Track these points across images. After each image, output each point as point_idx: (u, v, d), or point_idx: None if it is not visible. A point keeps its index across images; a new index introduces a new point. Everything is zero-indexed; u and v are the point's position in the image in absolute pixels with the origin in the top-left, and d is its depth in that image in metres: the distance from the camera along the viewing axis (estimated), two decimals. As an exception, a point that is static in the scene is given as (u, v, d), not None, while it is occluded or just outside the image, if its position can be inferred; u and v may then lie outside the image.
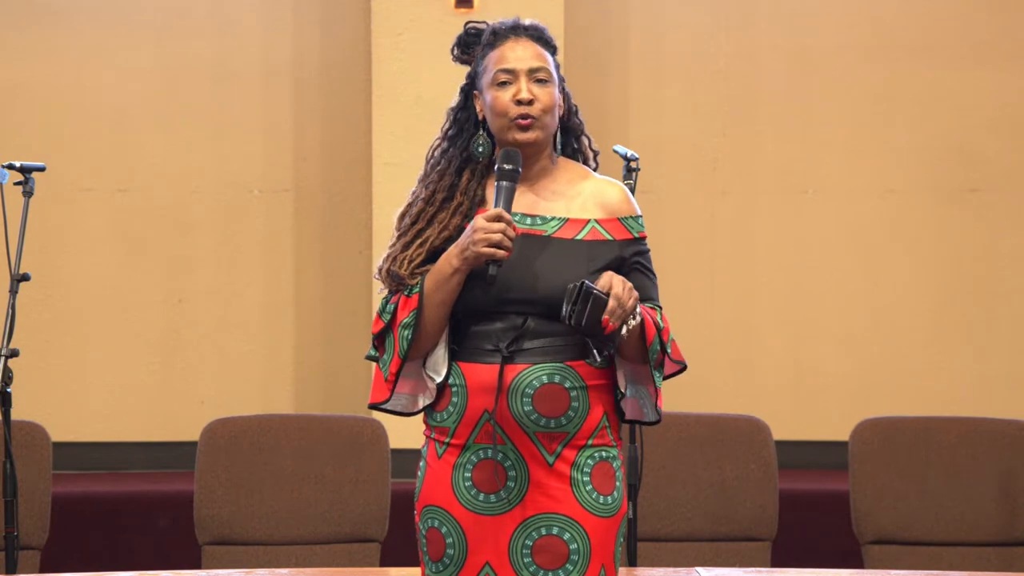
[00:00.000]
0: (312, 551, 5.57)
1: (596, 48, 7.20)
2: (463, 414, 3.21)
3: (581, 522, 3.20)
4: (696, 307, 7.17)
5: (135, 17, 7.18)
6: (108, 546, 6.35)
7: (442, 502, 3.24)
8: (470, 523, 3.21)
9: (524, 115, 3.23)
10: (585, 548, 3.20)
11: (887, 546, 5.62)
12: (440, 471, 3.24)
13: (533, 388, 3.18)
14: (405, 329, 3.22)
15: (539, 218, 3.26)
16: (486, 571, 3.20)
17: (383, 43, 6.89)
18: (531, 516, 3.19)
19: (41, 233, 6.71)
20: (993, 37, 7.23)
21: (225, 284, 7.21)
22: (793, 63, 7.25)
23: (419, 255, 3.25)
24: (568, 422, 3.20)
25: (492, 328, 3.20)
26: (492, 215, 3.16)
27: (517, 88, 3.24)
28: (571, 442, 3.20)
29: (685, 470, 5.67)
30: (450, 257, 3.19)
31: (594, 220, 3.26)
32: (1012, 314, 7.21)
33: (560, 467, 3.20)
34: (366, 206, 7.03)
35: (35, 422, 5.64)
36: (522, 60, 3.26)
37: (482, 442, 3.20)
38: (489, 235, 3.13)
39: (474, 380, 3.21)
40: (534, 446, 3.19)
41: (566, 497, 3.20)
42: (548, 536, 3.19)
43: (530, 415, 3.18)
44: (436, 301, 3.20)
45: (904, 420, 5.84)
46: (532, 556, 3.19)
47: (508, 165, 3.21)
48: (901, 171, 7.25)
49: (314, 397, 7.21)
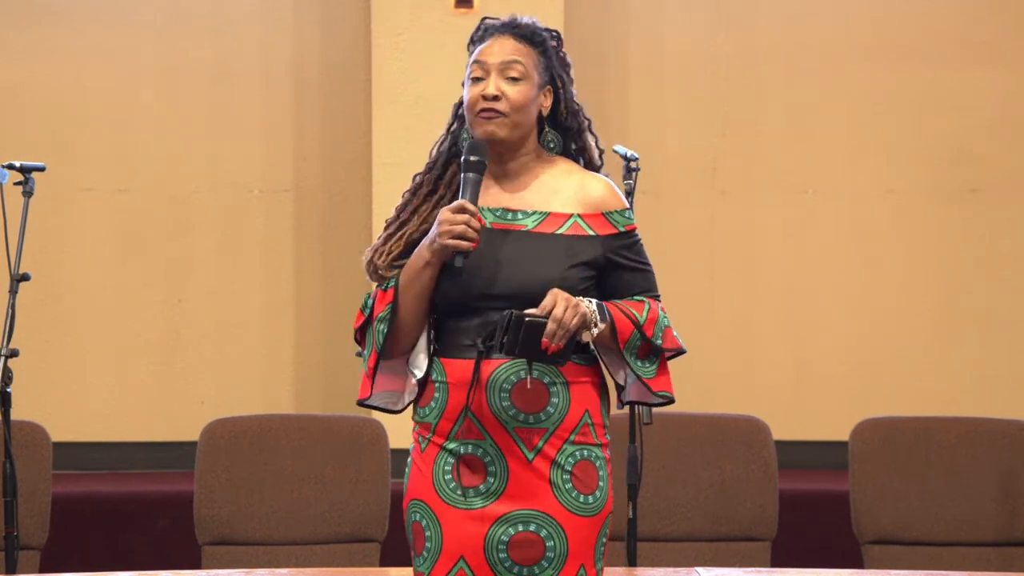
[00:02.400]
0: (312, 551, 5.57)
1: (596, 48, 7.19)
2: (444, 409, 3.23)
3: (560, 520, 3.20)
4: (696, 307, 7.17)
5: (135, 17, 7.18)
6: (108, 546, 6.35)
7: (423, 496, 3.25)
8: (447, 517, 3.22)
9: (487, 109, 3.23)
10: (562, 547, 3.20)
11: (887, 546, 5.62)
12: (423, 465, 3.26)
13: (511, 383, 3.19)
14: (380, 323, 3.25)
15: (520, 213, 3.26)
16: (460, 565, 3.21)
17: (383, 43, 6.89)
18: (509, 512, 3.20)
19: (41, 233, 6.71)
20: (993, 37, 7.23)
21: (225, 284, 7.21)
22: (793, 63, 7.25)
23: (397, 247, 3.27)
24: (547, 418, 3.20)
25: (470, 323, 3.21)
26: (456, 207, 3.16)
27: (486, 84, 3.24)
28: (551, 439, 3.21)
29: (685, 470, 5.67)
30: (421, 250, 3.21)
31: (576, 215, 3.26)
32: (1012, 314, 7.21)
33: (539, 463, 3.20)
34: (366, 206, 7.03)
35: (35, 422, 5.64)
36: (495, 55, 3.25)
37: (462, 437, 3.21)
38: (453, 227, 3.14)
39: (454, 375, 3.22)
40: (513, 441, 3.20)
41: (545, 494, 3.20)
42: (525, 532, 3.19)
43: (508, 410, 3.19)
44: (411, 294, 3.23)
45: (904, 420, 5.84)
46: (508, 552, 3.19)
47: (473, 157, 3.23)
48: (901, 171, 7.25)
49: (314, 397, 7.21)
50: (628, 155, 4.88)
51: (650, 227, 7.12)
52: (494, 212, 3.26)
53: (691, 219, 7.26)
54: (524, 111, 3.25)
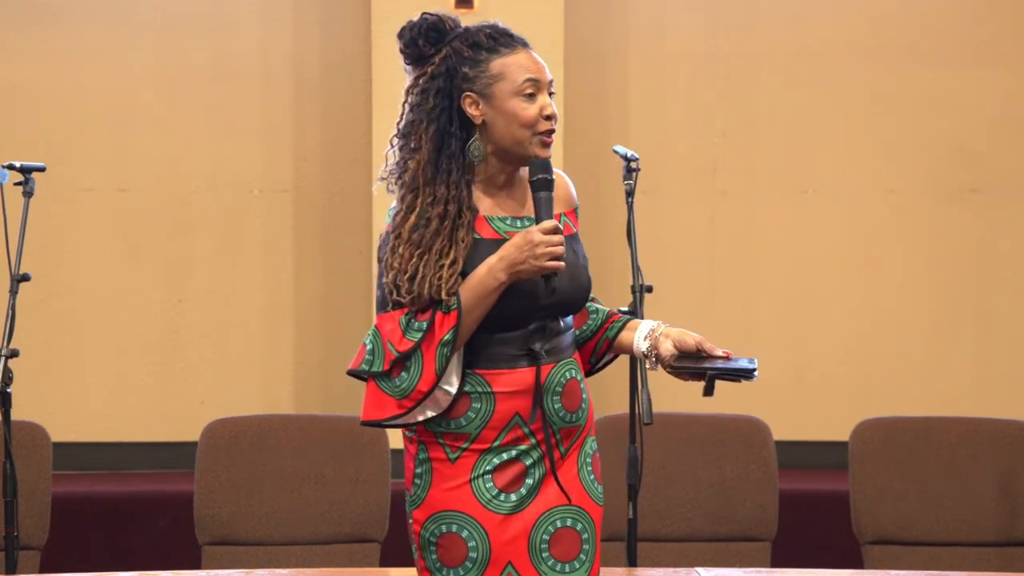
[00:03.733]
0: (312, 551, 5.57)
1: (596, 48, 7.20)
2: (489, 419, 3.21)
3: (589, 511, 3.26)
4: (696, 307, 7.17)
5: (135, 17, 7.18)
6: (108, 546, 6.35)
7: (460, 506, 3.21)
8: (492, 524, 3.21)
9: (550, 131, 3.23)
10: (592, 536, 3.26)
11: (887, 546, 5.62)
12: (454, 476, 3.22)
13: (561, 385, 3.24)
14: (444, 347, 3.16)
15: (524, 219, 3.26)
16: (508, 570, 3.21)
17: (383, 43, 6.89)
18: (547, 510, 3.23)
19: (41, 233, 6.72)
20: (993, 37, 7.23)
21: (225, 284, 7.21)
22: (793, 63, 7.25)
23: (451, 276, 3.17)
24: (582, 414, 3.28)
25: (515, 335, 3.20)
26: (549, 227, 3.14)
27: (544, 102, 3.21)
28: (581, 434, 3.28)
29: (685, 470, 5.67)
30: (495, 272, 3.15)
31: (563, 214, 3.31)
32: (1012, 314, 7.21)
33: (571, 458, 3.25)
34: (366, 206, 7.03)
35: (35, 422, 5.64)
36: (544, 73, 3.23)
37: (508, 444, 3.21)
38: (552, 248, 3.13)
39: (501, 384, 3.21)
40: (556, 442, 3.24)
41: (577, 489, 3.25)
42: (563, 528, 3.23)
43: (559, 412, 3.23)
44: (475, 316, 3.18)
45: (904, 420, 5.84)
46: (550, 550, 3.22)
47: (543, 175, 3.20)
48: (901, 171, 7.25)
49: (314, 397, 7.21)
50: (628, 155, 4.87)
51: (650, 227, 7.15)
52: (503, 221, 3.25)
53: (691, 219, 7.26)
54: None
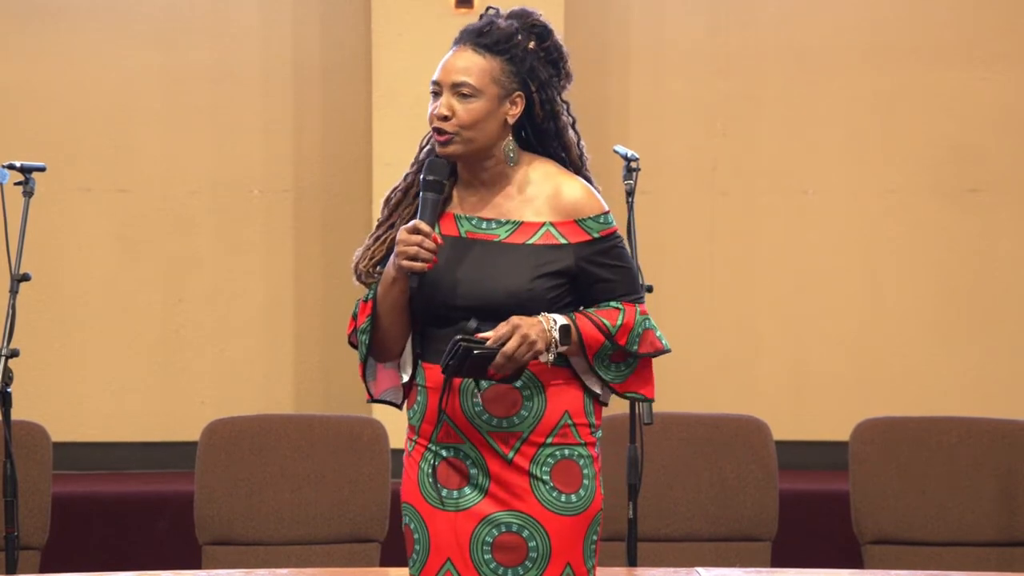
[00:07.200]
0: (312, 551, 5.57)
1: (596, 48, 7.20)
2: (425, 412, 3.24)
3: (541, 521, 3.19)
4: (696, 307, 7.17)
5: (135, 17, 7.17)
6: (108, 546, 6.35)
7: (411, 499, 3.27)
8: (433, 519, 3.23)
9: (439, 130, 3.21)
10: (545, 547, 3.19)
11: (887, 546, 5.62)
12: (410, 468, 3.28)
13: (482, 388, 3.18)
14: (363, 334, 3.28)
15: (494, 222, 3.24)
16: (447, 567, 3.22)
17: (383, 43, 6.89)
18: (493, 513, 3.20)
19: (41, 233, 6.71)
20: (993, 37, 7.23)
21: (225, 284, 7.21)
22: (793, 63, 7.25)
23: (379, 252, 3.30)
24: (521, 422, 3.20)
25: (446, 331, 3.20)
26: (410, 227, 3.16)
27: (440, 103, 3.22)
28: (527, 442, 3.20)
29: (685, 470, 5.67)
30: (389, 266, 3.23)
31: (549, 223, 3.23)
32: (1012, 314, 7.21)
33: (519, 462, 3.20)
34: (366, 206, 7.03)
35: (35, 422, 5.64)
36: (447, 73, 3.22)
37: (443, 441, 3.23)
38: (407, 248, 3.15)
39: (432, 380, 3.23)
40: (489, 445, 3.20)
41: (526, 495, 3.20)
42: (508, 533, 3.20)
43: (481, 415, 3.19)
44: (386, 307, 3.25)
45: (904, 420, 5.84)
46: (492, 553, 3.20)
47: (430, 176, 3.22)
48: (901, 171, 7.25)
49: (314, 397, 7.21)
50: (628, 155, 4.87)
51: (650, 227, 7.15)
52: (469, 220, 3.25)
53: (691, 219, 7.25)
54: (476, 128, 3.20)
